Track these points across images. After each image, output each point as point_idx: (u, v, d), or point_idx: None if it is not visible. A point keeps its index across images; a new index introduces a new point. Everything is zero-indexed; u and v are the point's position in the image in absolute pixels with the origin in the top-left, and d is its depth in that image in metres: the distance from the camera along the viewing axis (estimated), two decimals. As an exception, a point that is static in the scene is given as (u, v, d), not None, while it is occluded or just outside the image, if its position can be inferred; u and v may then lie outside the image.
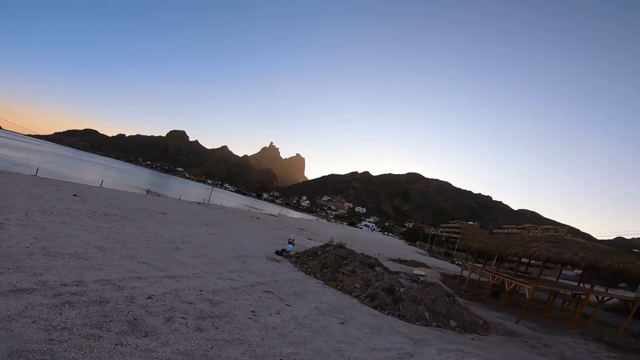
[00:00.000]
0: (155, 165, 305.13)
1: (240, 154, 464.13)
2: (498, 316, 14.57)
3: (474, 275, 23.22)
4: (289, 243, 16.68)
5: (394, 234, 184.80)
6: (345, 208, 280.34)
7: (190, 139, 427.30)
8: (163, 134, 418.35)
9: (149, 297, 6.20)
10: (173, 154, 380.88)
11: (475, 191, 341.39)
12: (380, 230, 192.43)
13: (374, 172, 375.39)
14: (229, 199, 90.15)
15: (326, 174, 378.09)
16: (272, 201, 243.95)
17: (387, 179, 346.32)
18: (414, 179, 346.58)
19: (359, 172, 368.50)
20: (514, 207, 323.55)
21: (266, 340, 5.78)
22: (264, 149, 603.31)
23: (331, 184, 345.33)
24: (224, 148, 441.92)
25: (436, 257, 63.11)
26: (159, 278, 7.54)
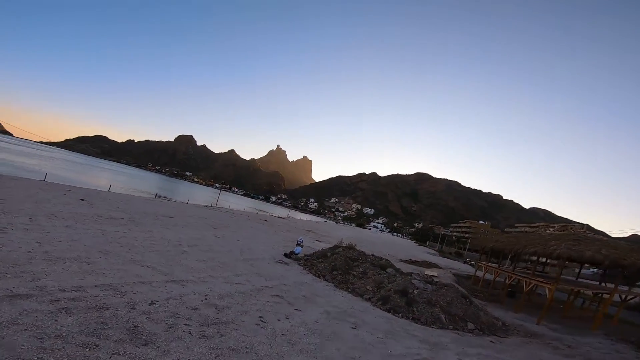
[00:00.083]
0: (164, 170, 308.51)
1: (248, 158, 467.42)
2: (517, 317, 14.08)
3: (488, 275, 22.54)
4: (297, 245, 16.33)
5: (403, 234, 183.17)
6: (354, 209, 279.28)
7: (197, 143, 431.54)
8: (171, 139, 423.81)
9: (152, 303, 5.91)
10: (181, 158, 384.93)
11: (485, 190, 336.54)
12: (389, 231, 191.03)
13: (381, 173, 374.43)
14: (237, 202, 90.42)
15: (333, 176, 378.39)
16: (280, 204, 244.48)
17: (395, 180, 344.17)
18: (422, 179, 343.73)
19: (367, 173, 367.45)
20: (526, 205, 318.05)
21: (274, 348, 5.41)
22: (271, 152, 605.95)
23: (338, 186, 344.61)
24: (232, 152, 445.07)
25: (447, 258, 62.08)
26: (163, 283, 7.26)
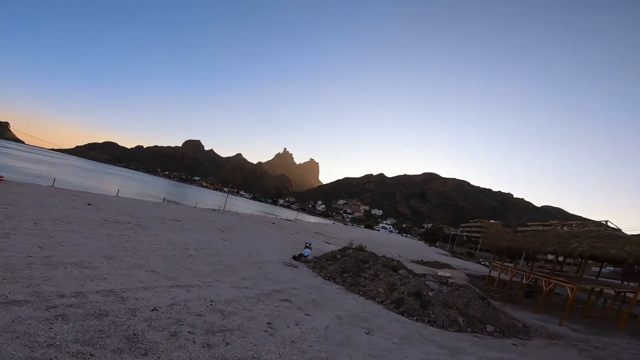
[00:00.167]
0: (173, 175, 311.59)
1: (255, 161, 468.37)
2: (536, 318, 13.55)
3: (503, 275, 21.84)
4: (305, 247, 15.98)
5: (413, 235, 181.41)
6: (362, 211, 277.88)
7: (205, 148, 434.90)
8: (179, 144, 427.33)
9: (154, 309, 5.61)
10: (189, 163, 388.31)
11: (494, 189, 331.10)
12: (398, 232, 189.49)
13: (388, 174, 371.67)
14: (245, 205, 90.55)
15: (340, 178, 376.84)
16: (287, 207, 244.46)
17: (403, 180, 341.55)
18: (430, 179, 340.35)
19: (374, 174, 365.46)
20: (537, 204, 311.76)
21: (284, 357, 5.05)
22: (278, 155, 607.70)
23: (346, 188, 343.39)
24: (239, 156, 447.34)
25: (459, 258, 60.98)
26: (167, 288, 6.97)
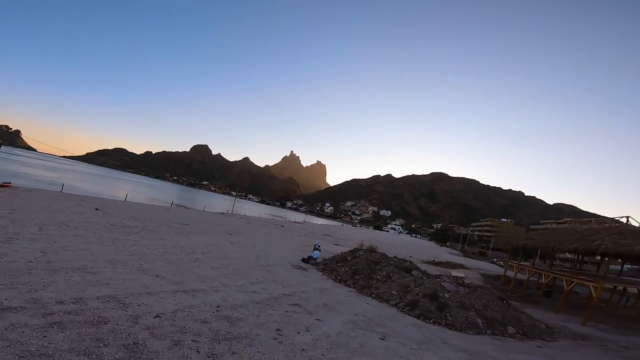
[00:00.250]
0: (182, 180, 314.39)
1: (262, 165, 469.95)
2: (558, 318, 13.01)
3: (520, 275, 21.11)
4: (315, 249, 15.63)
5: (422, 235, 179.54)
6: (370, 212, 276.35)
7: (213, 152, 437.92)
8: (187, 149, 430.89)
9: (157, 316, 5.30)
10: (197, 168, 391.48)
11: (505, 187, 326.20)
12: (407, 233, 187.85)
13: (396, 175, 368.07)
14: (253, 209, 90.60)
15: (348, 179, 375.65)
16: (295, 209, 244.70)
17: (411, 180, 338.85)
18: (438, 178, 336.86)
19: (381, 175, 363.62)
20: (549, 201, 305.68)
21: (295, 366, 4.69)
22: (285, 158, 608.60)
23: (354, 189, 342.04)
24: (246, 159, 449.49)
25: (471, 258, 59.95)
26: (171, 293, 6.67)
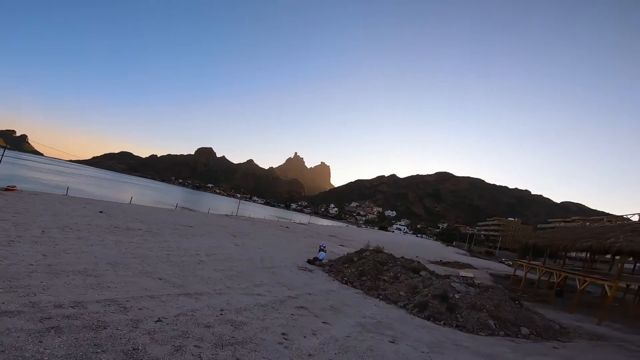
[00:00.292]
0: (187, 182, 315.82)
1: (266, 167, 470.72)
2: (572, 318, 12.69)
3: (530, 274, 20.68)
4: (320, 250, 15.42)
5: (428, 235, 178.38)
6: (375, 212, 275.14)
7: (217, 155, 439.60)
8: (191, 152, 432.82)
9: (158, 320, 5.12)
10: (202, 170, 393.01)
11: (511, 186, 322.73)
12: (412, 233, 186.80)
13: (400, 175, 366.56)
14: (258, 210, 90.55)
15: (352, 180, 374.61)
16: (300, 211, 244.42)
17: (416, 180, 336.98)
18: (443, 178, 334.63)
19: (386, 175, 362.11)
20: (556, 200, 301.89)
21: (302, 373, 4.47)
22: (289, 160, 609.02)
23: (358, 190, 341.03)
24: (250, 162, 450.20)
25: (478, 257, 59.32)
26: (174, 296, 6.50)
